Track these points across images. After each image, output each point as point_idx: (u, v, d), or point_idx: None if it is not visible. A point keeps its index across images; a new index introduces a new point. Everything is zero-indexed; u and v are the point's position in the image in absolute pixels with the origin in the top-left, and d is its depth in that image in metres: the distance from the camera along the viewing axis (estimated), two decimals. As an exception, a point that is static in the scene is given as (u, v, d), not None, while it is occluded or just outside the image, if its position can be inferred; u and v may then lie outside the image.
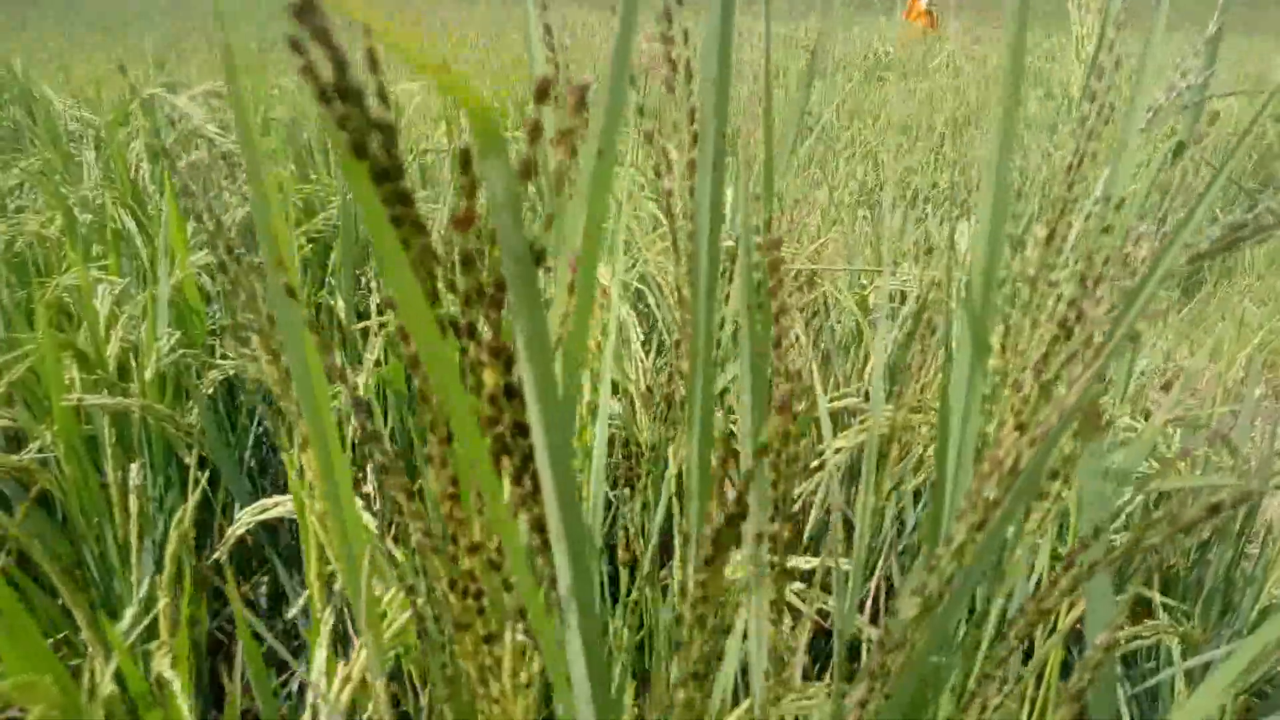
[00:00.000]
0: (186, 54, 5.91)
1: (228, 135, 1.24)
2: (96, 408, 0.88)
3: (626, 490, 0.72)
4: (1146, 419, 1.14)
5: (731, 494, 0.23)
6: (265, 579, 1.27)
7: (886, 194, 2.97)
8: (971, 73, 5.66)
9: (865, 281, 1.42)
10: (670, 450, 0.47)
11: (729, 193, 1.29)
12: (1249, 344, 1.66)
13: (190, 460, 0.94)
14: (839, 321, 1.19)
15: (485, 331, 0.19)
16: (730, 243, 0.61)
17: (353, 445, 0.94)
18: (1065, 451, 0.43)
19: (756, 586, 0.37)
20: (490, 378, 0.20)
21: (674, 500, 0.52)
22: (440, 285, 0.20)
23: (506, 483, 0.22)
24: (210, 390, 1.06)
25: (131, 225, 1.20)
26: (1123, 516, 0.86)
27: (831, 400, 0.87)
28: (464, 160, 0.17)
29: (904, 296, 1.41)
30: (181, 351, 0.94)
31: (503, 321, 0.19)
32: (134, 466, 0.92)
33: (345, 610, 0.76)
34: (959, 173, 3.55)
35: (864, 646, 0.69)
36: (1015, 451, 0.29)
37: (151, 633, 0.86)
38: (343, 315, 1.14)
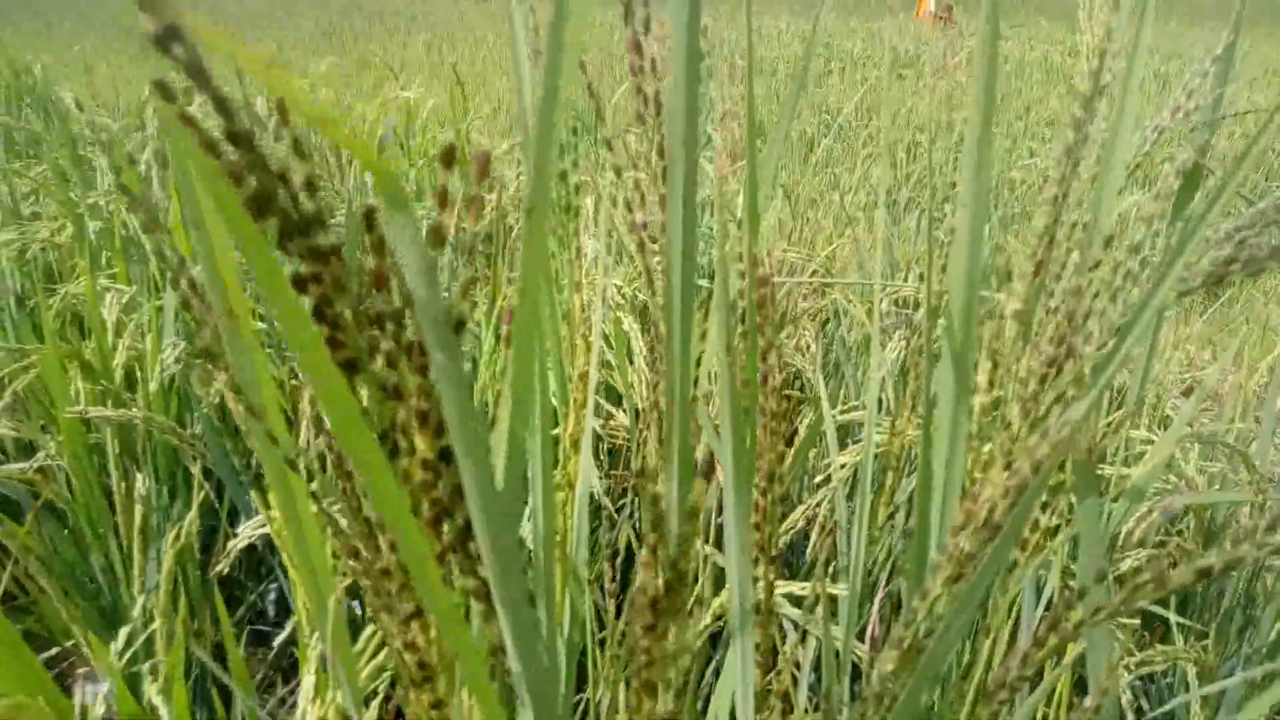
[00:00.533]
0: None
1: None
2: (100, 420, 0.88)
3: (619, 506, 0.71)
4: (1165, 428, 1.12)
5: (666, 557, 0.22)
6: (274, 585, 1.27)
7: (903, 194, 2.94)
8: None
9: (879, 287, 1.40)
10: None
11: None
12: (1273, 349, 1.63)
13: (195, 470, 0.94)
14: (850, 330, 1.18)
15: (414, 394, 0.19)
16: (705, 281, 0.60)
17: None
18: (1057, 480, 0.42)
19: (741, 631, 0.36)
20: (422, 442, 0.19)
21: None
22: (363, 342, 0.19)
23: (443, 548, 0.21)
24: (216, 399, 1.06)
25: (139, 230, 1.20)
26: (1135, 536, 0.84)
27: (841, 413, 0.85)
28: (368, 218, 0.16)
29: (916, 303, 1.39)
30: (185, 362, 0.94)
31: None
32: (139, 477, 0.92)
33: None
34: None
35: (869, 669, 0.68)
36: (991, 502, 0.28)
37: (154, 646, 0.86)
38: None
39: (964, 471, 0.32)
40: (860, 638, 0.73)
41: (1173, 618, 0.78)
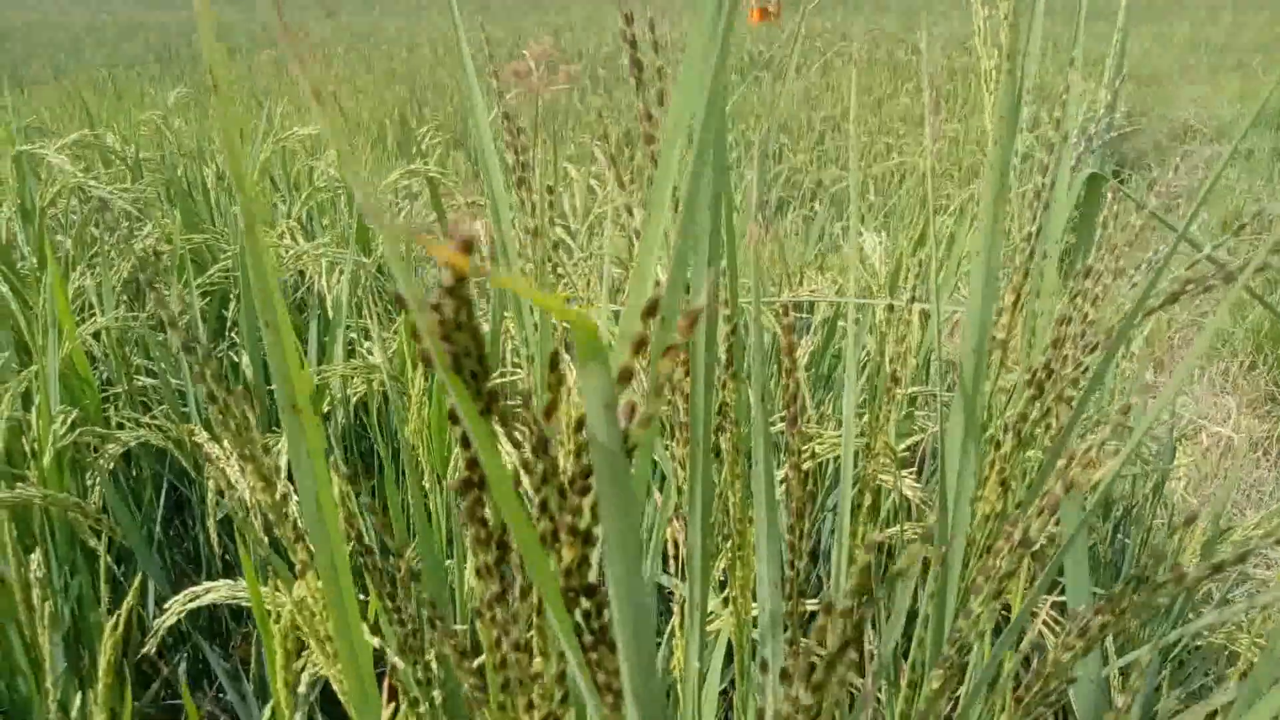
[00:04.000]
0: (32, 84, 5.54)
1: (103, 186, 1.17)
2: (-9, 502, 0.81)
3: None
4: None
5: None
6: (183, 656, 1.20)
7: (773, 195, 3.04)
8: (841, 69, 5.85)
9: (774, 293, 1.44)
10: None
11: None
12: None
13: (99, 546, 0.88)
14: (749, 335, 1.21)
15: (562, 511, 0.19)
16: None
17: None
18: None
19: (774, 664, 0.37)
20: (568, 554, 0.19)
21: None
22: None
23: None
24: (110, 465, 0.99)
25: (5, 290, 1.11)
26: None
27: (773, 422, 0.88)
28: (553, 361, 0.16)
29: (812, 307, 1.44)
30: (80, 430, 0.87)
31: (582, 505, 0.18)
32: (33, 558, 0.86)
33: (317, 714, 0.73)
34: (841, 168, 3.66)
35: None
36: (1025, 524, 0.30)
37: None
38: (249, 374, 1.09)
39: (971, 496, 0.34)
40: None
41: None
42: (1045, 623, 0.71)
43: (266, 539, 0.52)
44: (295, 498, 0.33)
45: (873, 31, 7.73)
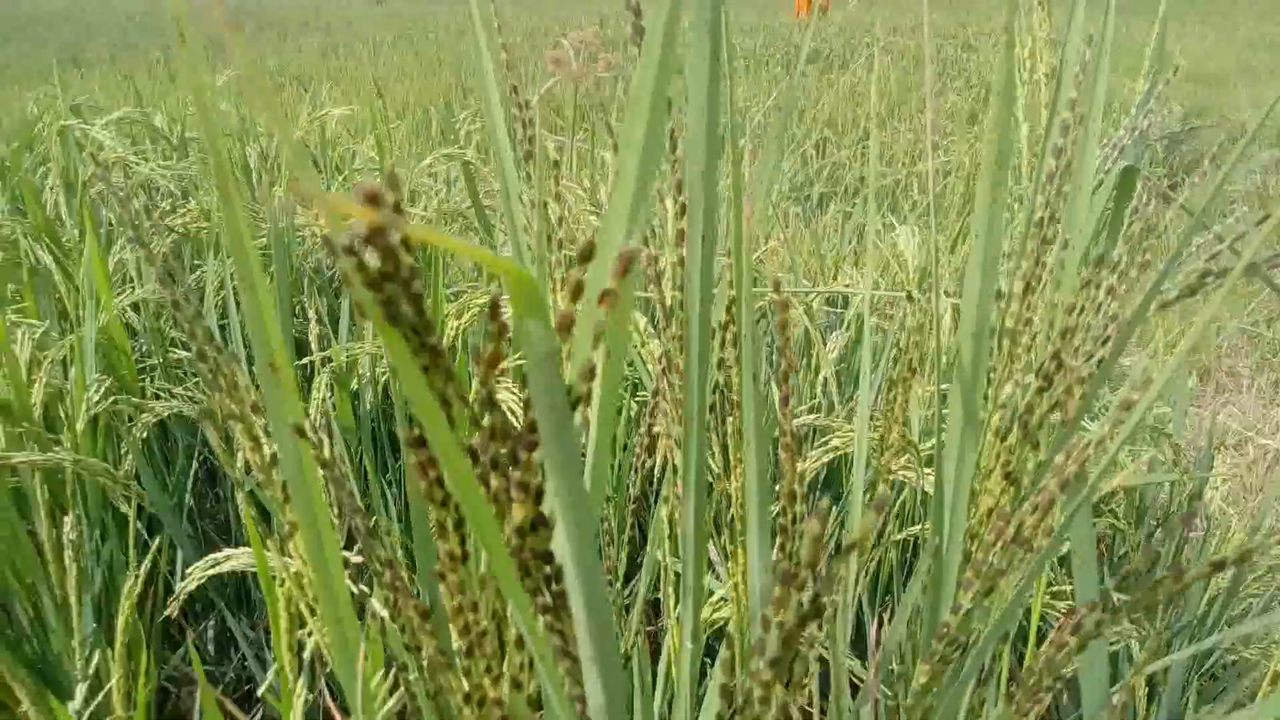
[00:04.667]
0: (91, 64, 5.67)
1: (145, 162, 1.19)
2: (25, 465, 0.83)
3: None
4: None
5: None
6: (211, 624, 1.22)
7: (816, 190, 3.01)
8: (891, 65, 5.77)
9: (808, 286, 1.43)
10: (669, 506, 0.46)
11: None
12: (1173, 330, 1.73)
13: (129, 511, 0.90)
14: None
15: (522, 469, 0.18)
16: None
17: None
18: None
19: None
20: (519, 512, 0.19)
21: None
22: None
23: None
24: (144, 434, 1.01)
25: (49, 261, 1.14)
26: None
27: (797, 416, 0.87)
28: (493, 309, 0.16)
29: (846, 301, 1.42)
30: (114, 399, 0.89)
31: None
32: (68, 520, 0.88)
33: (320, 679, 0.74)
34: (885, 164, 3.61)
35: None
36: (1018, 520, 0.29)
37: (95, 690, 0.82)
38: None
39: (969, 488, 0.34)
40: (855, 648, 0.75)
41: (1116, 597, 0.82)
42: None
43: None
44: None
45: (917, 26, 7.61)
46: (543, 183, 0.34)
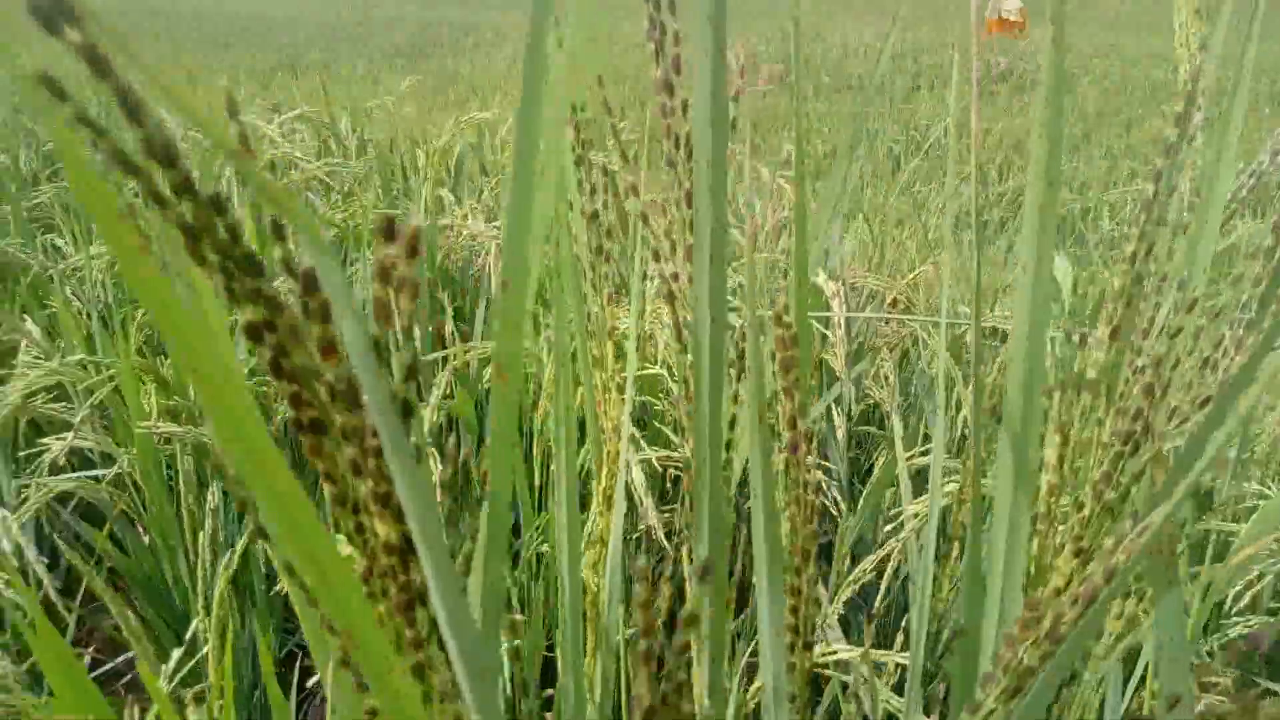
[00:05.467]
0: (304, 70, 6.17)
1: (306, 159, 1.26)
2: (175, 437, 0.89)
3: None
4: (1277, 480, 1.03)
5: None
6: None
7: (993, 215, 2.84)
8: (1088, 85, 5.39)
9: (966, 315, 1.34)
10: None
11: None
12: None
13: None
14: (930, 363, 1.12)
15: (371, 475, 0.16)
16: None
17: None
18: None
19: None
20: (382, 526, 0.16)
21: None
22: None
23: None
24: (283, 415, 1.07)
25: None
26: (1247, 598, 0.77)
27: (911, 457, 0.81)
28: (307, 281, 0.13)
29: (1004, 335, 1.32)
30: (256, 379, 0.95)
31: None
32: (210, 491, 0.94)
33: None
34: (1070, 192, 3.37)
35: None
36: (1057, 610, 0.24)
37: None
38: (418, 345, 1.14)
39: (1025, 560, 0.28)
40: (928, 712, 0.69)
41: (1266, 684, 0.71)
42: None
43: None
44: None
45: (1115, 46, 7.07)
46: (591, 192, 0.32)
